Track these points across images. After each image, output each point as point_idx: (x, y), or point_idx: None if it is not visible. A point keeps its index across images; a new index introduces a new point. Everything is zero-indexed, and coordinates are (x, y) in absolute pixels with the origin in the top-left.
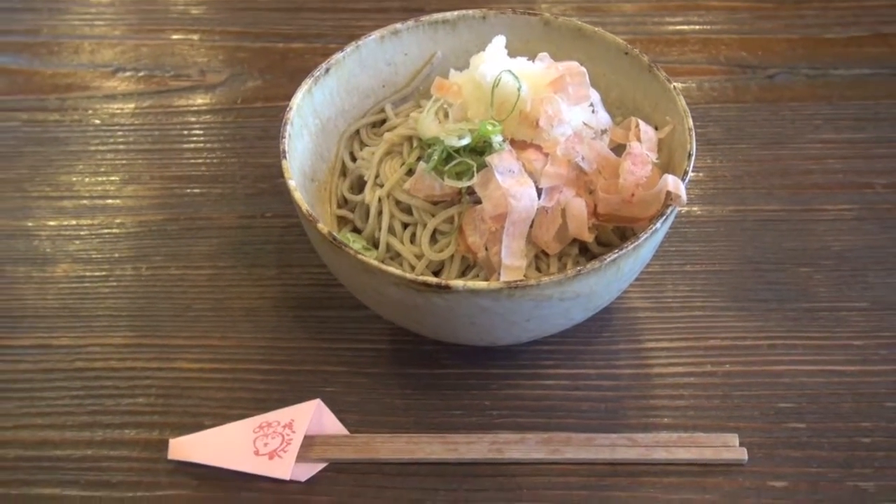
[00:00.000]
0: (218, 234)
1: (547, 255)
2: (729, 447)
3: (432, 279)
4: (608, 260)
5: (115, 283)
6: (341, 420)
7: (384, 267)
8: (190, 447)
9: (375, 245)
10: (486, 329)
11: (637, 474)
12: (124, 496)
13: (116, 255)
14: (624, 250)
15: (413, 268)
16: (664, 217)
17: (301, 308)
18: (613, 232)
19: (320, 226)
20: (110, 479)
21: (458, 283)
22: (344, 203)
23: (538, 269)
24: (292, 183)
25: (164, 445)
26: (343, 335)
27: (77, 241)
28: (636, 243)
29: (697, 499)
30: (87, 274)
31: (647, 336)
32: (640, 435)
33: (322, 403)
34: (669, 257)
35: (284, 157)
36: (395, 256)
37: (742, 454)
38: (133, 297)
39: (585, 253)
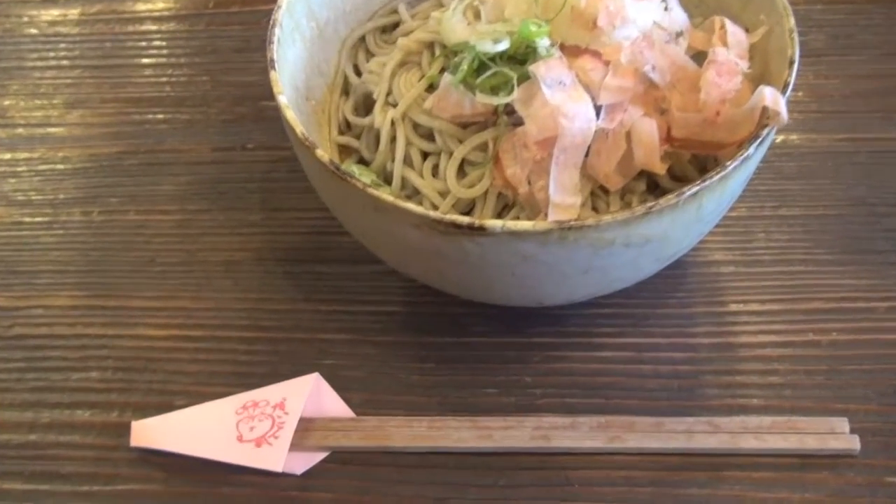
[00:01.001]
0: (187, 170)
1: (606, 191)
2: (836, 434)
3: (462, 218)
4: (687, 194)
5: (60, 232)
6: (345, 399)
7: (402, 203)
8: (157, 432)
9: (388, 180)
10: (530, 284)
11: (719, 468)
12: (77, 490)
13: (62, 196)
14: (708, 181)
15: (436, 208)
16: (759, 140)
17: (293, 261)
18: (691, 163)
19: (319, 153)
20: (59, 469)
21: (496, 222)
22: (347, 128)
23: (595, 210)
24: (283, 99)
25: (125, 430)
26: (346, 295)
27: (12, 180)
28: (723, 173)
29: (796, 498)
30: (26, 220)
31: (731, 296)
32: (723, 419)
33: (321, 378)
34: (760, 198)
35: (273, 66)
36: (413, 195)
37: (853, 443)
38: (83, 247)
39: (655, 190)
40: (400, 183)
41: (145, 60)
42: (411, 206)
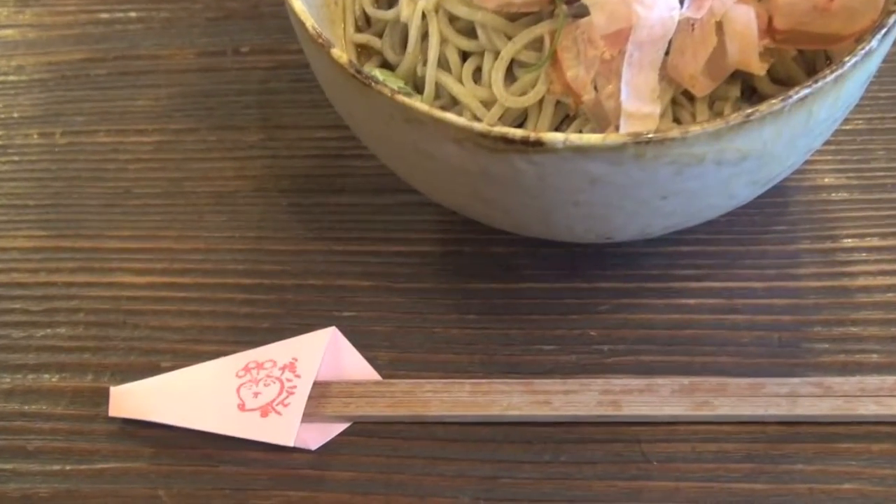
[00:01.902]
0: (168, 80)
1: (692, 97)
2: None
3: (515, 131)
4: (795, 98)
5: (16, 158)
6: (368, 359)
7: (439, 114)
8: (140, 399)
9: (418, 88)
10: (597, 214)
11: (830, 438)
12: (46, 470)
13: (16, 114)
14: (821, 83)
15: (479, 122)
16: (883, 31)
17: (301, 191)
18: (796, 62)
19: (335, 53)
20: (25, 445)
21: (556, 136)
22: (366, 24)
23: (677, 122)
24: None
25: (101, 397)
26: (369, 232)
27: None
28: (839, 72)
29: None
30: None
31: (844, 229)
32: (835, 379)
33: (339, 334)
34: (882, 107)
35: None
36: (450, 105)
37: None
38: (44, 177)
39: (751, 96)
40: (433, 91)
41: None
42: (451, 116)
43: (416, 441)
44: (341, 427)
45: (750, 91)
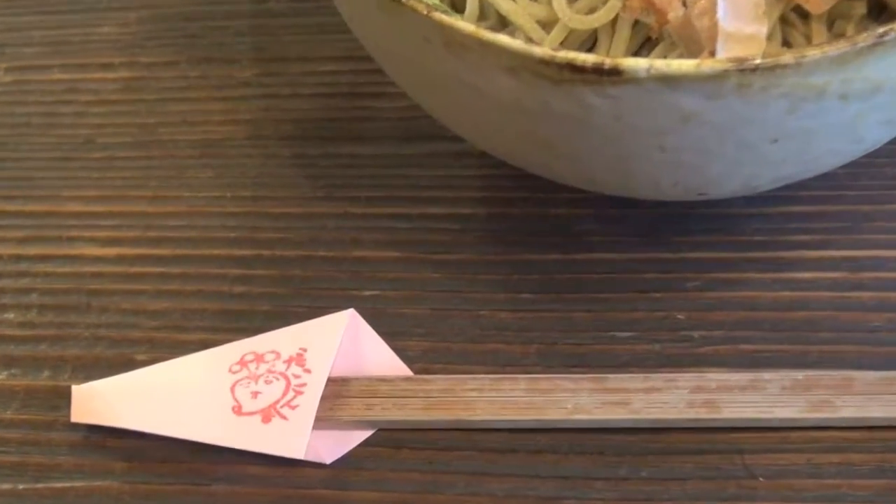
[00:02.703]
0: (139, 0)
1: (806, 15)
2: None
3: (585, 57)
4: None
5: None
6: (397, 350)
7: (488, 35)
8: (111, 402)
9: (456, 7)
10: (689, 163)
11: None
12: None
13: None
14: None
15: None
16: None
17: (307, 140)
18: None
19: None
20: None
21: (638, 62)
22: None
23: (787, 46)
24: None
25: (62, 398)
26: (395, 190)
27: None
28: None
29: None
30: None
31: None
32: None
33: (359, 318)
34: None
35: None
36: (499, 27)
37: None
38: None
39: (881, 15)
40: (477, 8)
41: None
42: (504, 39)
43: (458, 453)
44: (363, 435)
45: (878, 9)
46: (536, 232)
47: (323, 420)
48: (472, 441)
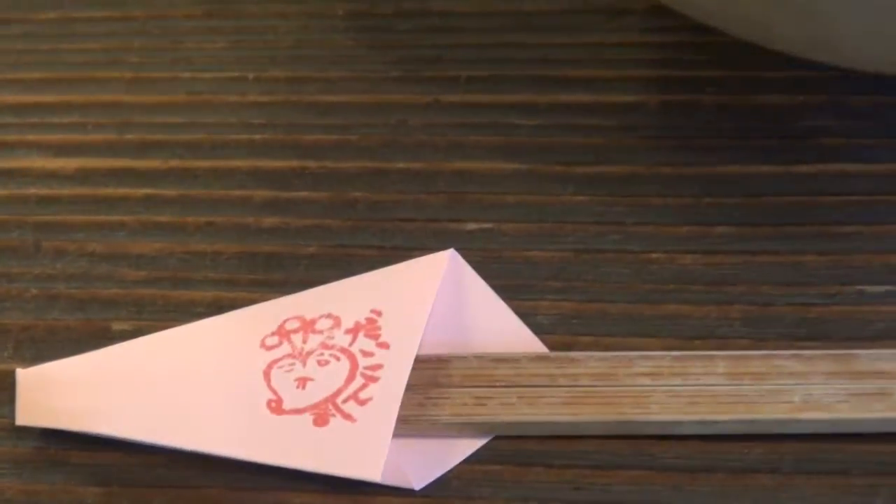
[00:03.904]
0: None
1: None
2: None
3: None
4: None
5: None
6: (523, 315)
7: None
8: (74, 393)
9: None
10: None
11: None
12: None
13: None
14: None
15: None
16: None
17: None
18: None
19: None
20: None
21: None
22: None
23: None
24: None
25: (1, 389)
26: (512, 67)
27: None
28: None
29: None
30: None
31: None
32: None
33: (462, 263)
34: None
35: None
36: None
37: None
38: None
39: None
40: None
41: None
42: None
43: (622, 473)
44: (472, 446)
45: None
46: (740, 131)
47: (410, 423)
48: (643, 454)
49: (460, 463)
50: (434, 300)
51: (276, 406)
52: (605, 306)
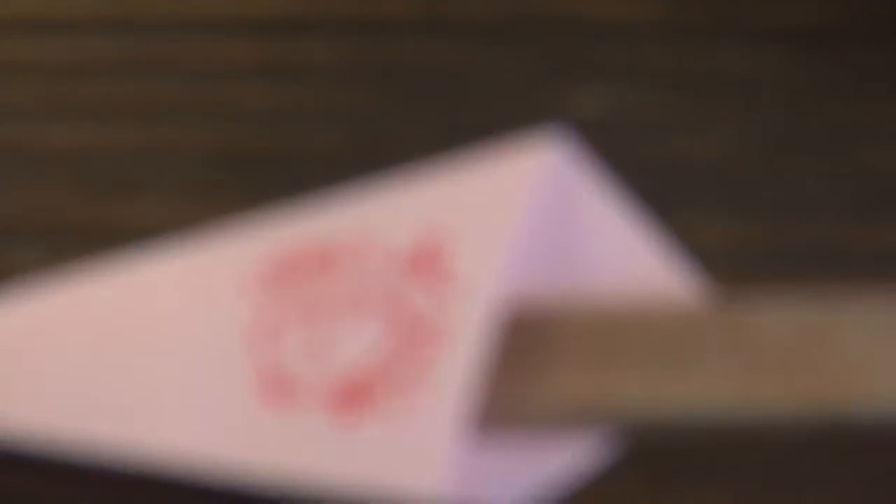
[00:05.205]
0: None
1: None
2: None
3: None
4: None
5: None
6: (675, 246)
7: None
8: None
9: None
10: None
11: None
12: None
13: None
14: None
15: None
16: None
17: None
18: None
19: None
20: None
21: None
22: None
23: None
24: None
25: None
26: None
27: None
28: None
29: None
30: None
31: None
32: None
33: (571, 156)
34: None
35: None
36: None
37: None
38: None
39: None
40: None
41: None
42: None
43: (814, 491)
44: (589, 448)
45: None
46: None
47: (488, 413)
48: (854, 457)
49: (569, 476)
50: (528, 220)
51: (271, 392)
52: (805, 230)
